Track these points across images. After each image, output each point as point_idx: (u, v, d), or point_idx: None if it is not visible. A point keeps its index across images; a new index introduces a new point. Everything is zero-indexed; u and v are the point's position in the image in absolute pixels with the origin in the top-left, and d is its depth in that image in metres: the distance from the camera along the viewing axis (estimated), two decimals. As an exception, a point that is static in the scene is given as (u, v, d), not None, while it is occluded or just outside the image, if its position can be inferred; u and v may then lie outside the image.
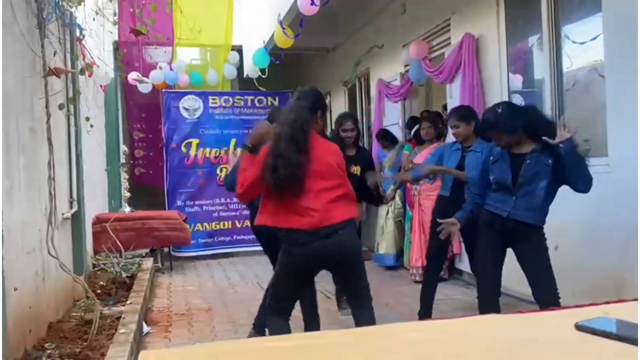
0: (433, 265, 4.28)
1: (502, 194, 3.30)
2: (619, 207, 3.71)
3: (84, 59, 5.13)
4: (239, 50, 8.79)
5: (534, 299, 3.28)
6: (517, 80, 5.20)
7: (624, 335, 1.06)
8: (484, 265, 3.47)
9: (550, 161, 3.15)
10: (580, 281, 3.81)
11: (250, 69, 7.91)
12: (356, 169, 4.48)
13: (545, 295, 3.16)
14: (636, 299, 1.38)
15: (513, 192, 3.23)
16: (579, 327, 1.11)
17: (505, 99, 5.08)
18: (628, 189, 3.51)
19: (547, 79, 4.54)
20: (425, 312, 4.17)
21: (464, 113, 4.12)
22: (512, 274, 4.92)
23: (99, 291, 4.91)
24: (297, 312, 3.23)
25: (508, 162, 3.28)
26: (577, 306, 1.28)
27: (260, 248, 4.10)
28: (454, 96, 5.75)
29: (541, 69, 4.75)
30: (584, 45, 4.32)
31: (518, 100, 5.04)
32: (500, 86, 5.15)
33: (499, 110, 3.32)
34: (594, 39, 4.13)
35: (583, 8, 4.36)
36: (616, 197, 3.71)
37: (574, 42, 4.44)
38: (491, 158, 3.40)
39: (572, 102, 4.46)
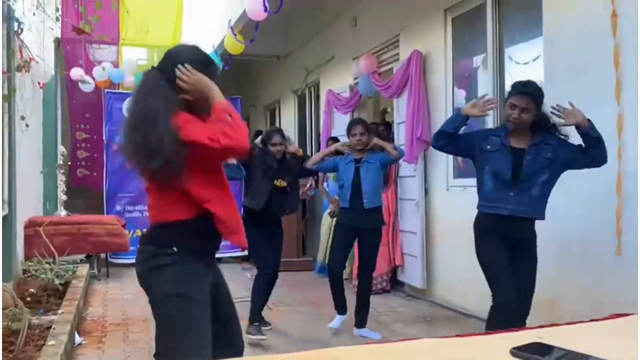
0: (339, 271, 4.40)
1: (497, 190, 3.08)
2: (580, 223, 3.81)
3: (21, 55, 4.89)
4: (187, 54, 8.62)
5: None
6: (462, 96, 5.33)
7: (556, 361, 1.07)
8: (499, 271, 3.08)
9: (549, 154, 3.01)
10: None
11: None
12: (282, 182, 4.38)
13: (525, 306, 3.06)
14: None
15: (511, 187, 3.03)
16: (514, 353, 1.13)
17: (450, 114, 5.19)
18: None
19: (490, 96, 4.67)
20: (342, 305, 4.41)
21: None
22: (454, 288, 5.06)
23: (28, 299, 4.64)
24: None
25: (509, 156, 3.06)
26: (511, 330, 1.30)
27: None
28: (400, 110, 5.83)
29: (485, 86, 4.90)
30: (526, 65, 4.48)
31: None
32: (445, 102, 5.27)
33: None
34: (534, 60, 4.30)
35: (526, 30, 4.52)
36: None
37: (517, 62, 4.60)
38: (489, 147, 3.13)
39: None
